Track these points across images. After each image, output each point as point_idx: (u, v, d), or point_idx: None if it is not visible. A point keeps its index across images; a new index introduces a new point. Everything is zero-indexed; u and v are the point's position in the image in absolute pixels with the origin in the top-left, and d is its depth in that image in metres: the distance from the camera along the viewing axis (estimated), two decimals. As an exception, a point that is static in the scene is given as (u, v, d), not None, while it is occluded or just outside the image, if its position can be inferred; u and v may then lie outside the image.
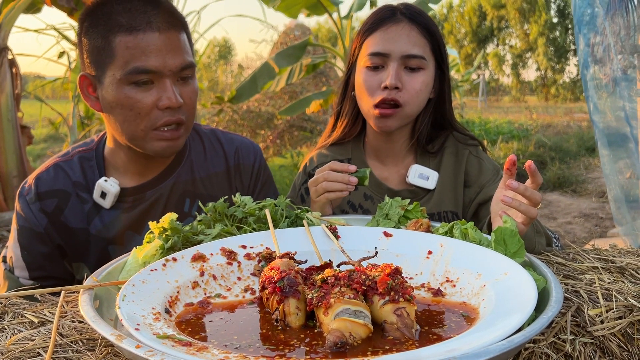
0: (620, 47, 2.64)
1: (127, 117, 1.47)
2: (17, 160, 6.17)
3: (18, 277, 1.58)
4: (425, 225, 1.25)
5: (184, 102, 1.49)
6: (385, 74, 1.63)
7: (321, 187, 1.47)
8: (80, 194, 1.60)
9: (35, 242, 1.58)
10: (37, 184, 1.59)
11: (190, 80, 1.53)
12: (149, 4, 1.46)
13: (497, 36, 38.70)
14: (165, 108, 1.46)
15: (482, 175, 1.75)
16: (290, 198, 1.81)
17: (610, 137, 3.02)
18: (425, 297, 1.01)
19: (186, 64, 1.48)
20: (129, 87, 1.44)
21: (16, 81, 6.15)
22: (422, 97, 1.67)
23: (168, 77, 1.46)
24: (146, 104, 1.45)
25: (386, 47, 1.63)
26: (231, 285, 1.07)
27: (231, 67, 18.49)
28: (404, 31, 1.64)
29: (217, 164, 1.74)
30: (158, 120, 1.47)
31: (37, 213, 1.57)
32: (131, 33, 1.42)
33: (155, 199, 1.64)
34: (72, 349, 0.90)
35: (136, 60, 1.42)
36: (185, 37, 1.51)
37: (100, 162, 1.63)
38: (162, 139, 1.50)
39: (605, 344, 0.95)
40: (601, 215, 6.61)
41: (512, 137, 11.71)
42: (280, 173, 7.87)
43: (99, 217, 1.60)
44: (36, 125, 13.51)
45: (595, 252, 1.27)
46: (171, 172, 1.67)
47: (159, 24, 1.44)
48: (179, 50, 1.47)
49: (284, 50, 6.34)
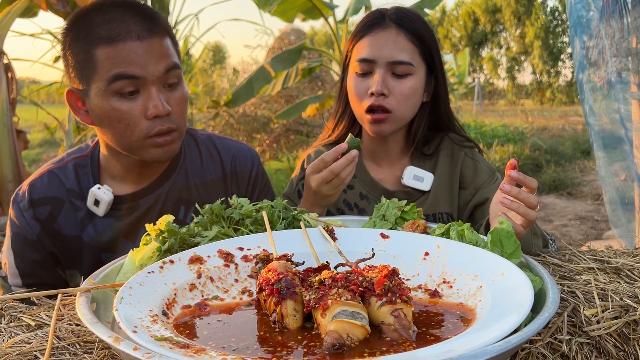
0: (614, 50, 2.66)
1: (118, 129, 1.45)
2: (12, 165, 6.14)
3: (11, 285, 1.57)
4: (422, 226, 1.25)
5: (172, 109, 1.46)
6: (372, 80, 1.63)
7: (339, 179, 1.46)
8: (73, 202, 1.58)
9: (28, 250, 1.57)
10: (31, 190, 1.58)
11: (177, 86, 1.50)
12: (127, 13, 1.43)
13: (491, 40, 38.84)
14: (154, 117, 1.43)
15: (477, 177, 1.75)
16: (288, 194, 1.81)
17: (606, 139, 3.04)
18: (422, 298, 1.01)
19: (170, 66, 1.45)
20: (114, 98, 1.42)
21: (12, 85, 6.13)
22: (411, 102, 1.67)
23: (153, 84, 1.43)
24: (134, 114, 1.43)
25: (373, 53, 1.63)
26: (228, 287, 1.07)
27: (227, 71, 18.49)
28: (391, 37, 1.64)
29: (213, 171, 1.72)
30: (150, 130, 1.45)
31: (30, 220, 1.55)
32: (110, 44, 1.39)
33: (149, 206, 1.62)
34: (70, 352, 0.90)
35: (116, 68, 1.39)
36: (169, 42, 1.48)
37: (95, 169, 1.62)
38: (157, 145, 1.48)
39: (602, 344, 0.96)
40: (597, 217, 6.63)
41: (507, 140, 11.75)
42: (276, 177, 7.87)
43: (93, 225, 1.58)
44: (32, 129, 13.46)
45: (591, 253, 1.28)
46: (166, 179, 1.65)
47: (138, 32, 1.41)
48: (161, 55, 1.44)
49: (279, 54, 6.35)
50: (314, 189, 1.50)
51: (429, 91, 1.74)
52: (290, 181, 1.87)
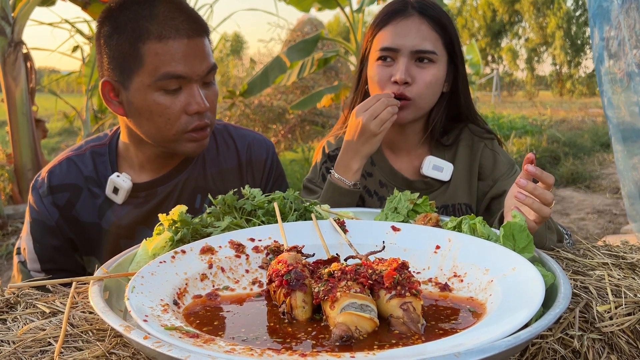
0: (635, 41, 2.60)
1: (158, 123, 1.48)
2: (31, 153, 6.24)
3: (30, 270, 1.61)
4: (434, 219, 1.24)
5: (209, 105, 1.51)
6: (396, 68, 1.63)
7: (387, 112, 1.56)
8: (91, 189, 1.61)
9: (47, 235, 1.60)
10: (50, 177, 1.61)
11: (212, 84, 1.55)
12: (175, 11, 1.46)
13: (510, 30, 38.29)
14: (194, 113, 1.48)
15: (496, 168, 1.74)
16: (311, 179, 1.82)
17: (625, 132, 2.98)
18: (432, 291, 1.00)
19: (211, 66, 1.50)
20: (158, 93, 1.45)
21: (31, 75, 6.21)
22: (433, 90, 1.66)
23: (195, 82, 1.47)
24: (175, 109, 1.46)
25: (396, 41, 1.63)
26: (239, 277, 1.07)
27: (242, 61, 18.51)
28: (414, 25, 1.63)
29: (229, 160, 1.75)
30: (188, 125, 1.49)
31: (49, 206, 1.59)
32: (161, 40, 1.42)
33: (166, 194, 1.65)
34: (82, 339, 0.92)
35: (166, 66, 1.42)
36: (208, 42, 1.53)
37: (113, 157, 1.65)
38: (192, 140, 1.52)
39: (614, 340, 0.95)
40: (615, 211, 6.54)
41: (525, 132, 11.61)
42: (291, 167, 7.87)
43: (111, 212, 1.61)
44: (51, 118, 13.63)
45: (606, 248, 1.26)
46: (184, 168, 1.68)
47: (187, 31, 1.44)
48: (205, 55, 1.49)
49: (295, 45, 6.33)
50: (363, 124, 1.57)
51: (449, 81, 1.73)
52: (314, 166, 1.87)
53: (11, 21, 5.90)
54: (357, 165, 1.61)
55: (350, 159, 1.61)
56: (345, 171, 1.62)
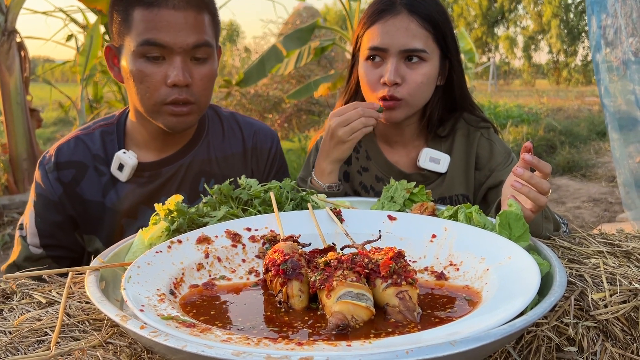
0: (631, 30, 2.59)
1: (139, 90, 1.51)
2: (26, 143, 6.21)
3: (29, 244, 1.63)
4: (430, 208, 1.25)
5: (194, 82, 1.51)
6: (385, 69, 1.59)
7: (359, 122, 1.53)
8: (98, 167, 1.64)
9: (49, 210, 1.63)
10: (57, 154, 1.64)
11: (206, 62, 1.54)
12: None
13: (507, 18, 38.14)
14: (173, 85, 1.48)
15: (493, 158, 1.72)
16: (304, 176, 1.81)
17: (621, 120, 2.99)
18: (428, 280, 1.01)
19: (200, 43, 1.49)
20: (141, 59, 1.48)
21: (25, 64, 6.17)
22: (424, 88, 1.63)
23: (179, 54, 1.48)
24: (155, 79, 1.48)
25: (384, 41, 1.58)
26: (235, 267, 1.07)
27: (238, 50, 18.41)
28: (403, 24, 1.58)
29: (235, 145, 1.77)
30: (167, 97, 1.50)
31: (54, 182, 1.62)
32: (148, 7, 1.45)
33: (171, 175, 1.67)
34: (79, 329, 0.92)
35: (147, 33, 1.45)
36: (207, 18, 1.52)
37: (121, 136, 1.67)
38: (172, 114, 1.53)
39: (609, 328, 0.95)
40: (610, 200, 6.57)
41: (521, 121, 11.61)
42: (288, 157, 7.86)
43: (115, 190, 1.64)
44: (45, 108, 13.56)
45: (602, 237, 1.26)
46: (188, 151, 1.70)
47: (175, 2, 1.46)
48: (194, 29, 1.48)
49: (291, 33, 6.29)
50: (332, 129, 1.55)
51: (444, 74, 1.70)
52: (307, 162, 1.86)
53: (4, 10, 5.84)
54: (330, 168, 1.59)
55: (322, 161, 1.60)
56: (320, 174, 1.62)
